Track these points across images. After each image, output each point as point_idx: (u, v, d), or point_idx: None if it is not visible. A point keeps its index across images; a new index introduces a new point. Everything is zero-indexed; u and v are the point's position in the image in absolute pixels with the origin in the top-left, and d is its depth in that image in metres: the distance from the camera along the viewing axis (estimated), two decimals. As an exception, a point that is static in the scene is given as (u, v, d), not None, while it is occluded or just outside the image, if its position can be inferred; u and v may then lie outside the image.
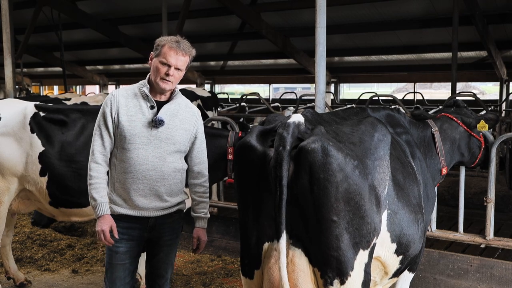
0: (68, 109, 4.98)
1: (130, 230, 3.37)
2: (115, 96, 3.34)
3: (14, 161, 4.66)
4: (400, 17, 12.16)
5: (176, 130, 3.35)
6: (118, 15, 15.01)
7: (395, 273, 3.11)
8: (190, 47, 3.33)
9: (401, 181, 3.04)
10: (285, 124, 2.63)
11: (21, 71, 14.26)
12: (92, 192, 3.29)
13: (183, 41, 3.32)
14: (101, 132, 3.34)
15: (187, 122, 3.41)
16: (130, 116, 3.30)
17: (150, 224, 3.39)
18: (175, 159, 3.37)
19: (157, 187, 3.33)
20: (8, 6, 7.42)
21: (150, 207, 3.35)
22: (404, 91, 19.54)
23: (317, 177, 2.51)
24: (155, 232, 3.43)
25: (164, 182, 3.34)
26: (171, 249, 3.54)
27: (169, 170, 3.34)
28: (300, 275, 2.61)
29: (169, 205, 3.41)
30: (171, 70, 3.25)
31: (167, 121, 3.31)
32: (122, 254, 3.38)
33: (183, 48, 3.27)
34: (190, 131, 3.42)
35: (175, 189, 3.40)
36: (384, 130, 2.84)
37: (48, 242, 6.53)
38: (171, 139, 3.33)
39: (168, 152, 3.33)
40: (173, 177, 3.37)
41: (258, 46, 15.21)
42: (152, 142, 3.30)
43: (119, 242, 3.34)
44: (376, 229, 2.69)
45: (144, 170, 3.29)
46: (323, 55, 4.88)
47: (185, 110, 3.43)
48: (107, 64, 20.08)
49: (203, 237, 3.53)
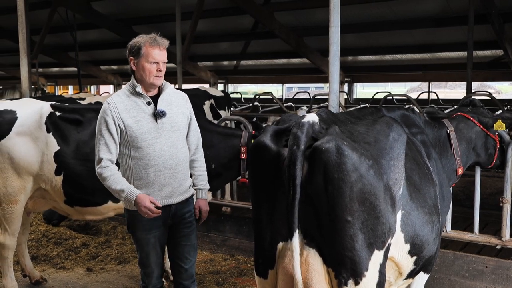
0: (83, 108, 5.02)
1: (155, 221, 3.54)
2: (112, 104, 3.50)
3: (30, 160, 4.70)
4: (414, 16, 12.06)
5: (177, 116, 3.60)
6: (132, 15, 15.08)
7: (409, 274, 3.08)
8: (165, 39, 3.56)
9: (417, 182, 3.02)
10: (300, 124, 2.62)
11: (37, 71, 14.36)
12: (114, 186, 3.43)
13: (156, 36, 3.53)
14: (105, 140, 3.48)
15: (181, 106, 3.66)
16: (134, 117, 3.48)
17: (172, 212, 3.59)
18: (183, 143, 3.63)
19: (176, 173, 3.56)
20: (24, 7, 7.49)
21: (173, 194, 3.57)
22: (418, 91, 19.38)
23: (331, 177, 2.50)
24: (176, 218, 3.63)
25: (180, 168, 3.59)
26: (191, 232, 3.71)
27: (182, 155, 3.60)
28: (314, 275, 2.60)
29: (185, 189, 3.65)
30: (160, 66, 3.48)
31: (167, 110, 3.54)
32: (153, 243, 3.61)
33: (162, 43, 3.49)
34: (186, 114, 3.68)
35: (186, 172, 3.68)
36: (400, 130, 2.82)
37: (63, 240, 6.59)
38: (176, 126, 3.57)
39: (177, 139, 3.57)
40: (185, 161, 3.64)
41: (271, 45, 15.18)
42: (162, 134, 3.50)
43: (147, 233, 3.57)
44: (391, 230, 2.67)
45: (163, 161, 3.50)
46: (337, 55, 4.86)
47: (176, 96, 3.67)
48: (121, 64, 20.15)
49: (204, 207, 3.75)
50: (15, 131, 4.70)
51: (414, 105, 8.42)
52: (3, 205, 4.78)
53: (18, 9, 7.46)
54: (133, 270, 5.85)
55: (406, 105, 9.61)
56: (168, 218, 3.61)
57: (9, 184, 4.72)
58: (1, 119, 4.74)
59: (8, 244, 4.87)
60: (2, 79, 20.10)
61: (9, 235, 4.85)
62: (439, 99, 12.82)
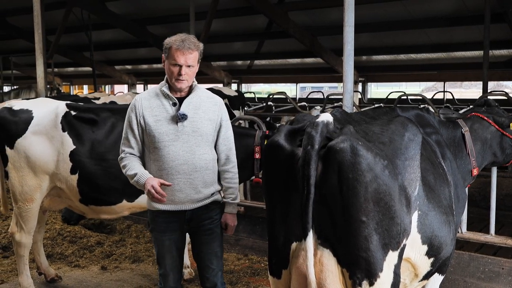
0: (98, 108, 5.06)
1: (170, 224, 3.53)
2: (139, 100, 3.51)
3: (46, 159, 4.75)
4: (429, 15, 11.97)
5: (201, 122, 3.46)
6: (146, 15, 15.15)
7: (425, 276, 3.06)
8: (196, 42, 3.43)
9: (432, 182, 2.99)
10: (314, 123, 2.62)
11: (52, 71, 14.48)
12: (129, 172, 3.45)
13: (188, 38, 3.41)
14: (127, 135, 3.52)
15: (210, 112, 3.50)
16: (155, 116, 3.45)
17: (187, 217, 3.53)
18: (205, 150, 3.48)
19: (191, 180, 3.45)
20: (40, 8, 7.56)
21: (186, 200, 3.49)
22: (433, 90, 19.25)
23: (346, 177, 2.49)
24: (193, 224, 3.56)
25: (197, 175, 3.45)
26: (212, 239, 3.58)
27: (200, 162, 3.45)
28: (328, 275, 2.59)
29: (203, 196, 3.52)
30: (182, 70, 3.38)
31: (191, 114, 3.43)
32: (167, 246, 3.56)
33: (188, 47, 3.37)
34: (214, 120, 3.51)
35: (208, 179, 3.51)
36: (415, 130, 2.80)
37: (78, 239, 6.63)
38: (198, 131, 3.45)
39: (196, 145, 3.45)
40: (205, 168, 3.48)
41: (285, 45, 15.17)
42: (180, 138, 3.42)
43: (161, 235, 3.55)
44: (406, 230, 2.65)
45: (177, 165, 3.43)
46: (351, 54, 4.84)
47: (207, 101, 3.53)
48: (135, 63, 20.29)
49: (231, 222, 3.61)
50: (31, 130, 4.75)
51: (429, 105, 8.36)
52: (19, 204, 4.83)
53: (34, 9, 7.54)
54: (147, 269, 5.88)
55: (420, 105, 9.54)
56: (183, 223, 3.54)
57: (25, 183, 4.77)
58: (18, 119, 4.79)
59: (24, 242, 4.92)
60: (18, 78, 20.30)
61: (25, 233, 4.90)
62: (454, 99, 12.71)
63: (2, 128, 4.82)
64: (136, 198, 4.87)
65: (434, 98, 13.10)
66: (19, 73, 19.87)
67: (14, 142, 4.76)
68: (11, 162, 4.79)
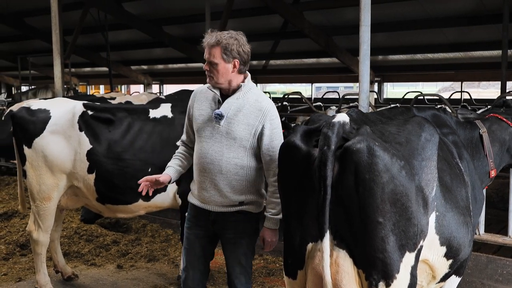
0: (115, 108, 5.10)
1: (197, 219, 3.52)
2: (196, 91, 3.55)
3: (63, 159, 4.79)
4: (447, 14, 11.87)
5: (238, 125, 3.31)
6: (162, 16, 15.23)
7: (443, 278, 3.03)
8: (217, 36, 3.27)
9: (449, 182, 2.96)
10: (330, 124, 2.60)
11: (69, 71, 14.64)
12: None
13: (212, 33, 3.32)
14: (185, 122, 3.63)
15: (251, 117, 3.31)
16: (200, 110, 3.45)
17: (211, 218, 3.46)
18: (237, 155, 3.34)
19: (216, 181, 3.37)
20: (57, 9, 7.64)
21: (210, 201, 3.42)
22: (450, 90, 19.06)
23: (362, 178, 2.47)
24: (217, 227, 3.48)
25: (222, 177, 3.35)
26: (236, 248, 3.47)
27: (228, 166, 3.34)
28: (344, 276, 2.57)
29: (229, 202, 3.40)
30: (205, 65, 3.33)
31: (230, 115, 3.32)
32: (191, 241, 3.54)
33: (208, 42, 3.28)
34: (253, 126, 3.31)
35: (236, 186, 3.37)
36: (432, 130, 2.78)
37: (94, 237, 6.68)
38: (231, 134, 3.31)
39: (227, 147, 3.33)
40: (233, 173, 3.35)
41: (301, 45, 15.15)
42: (214, 136, 3.37)
43: (188, 229, 3.56)
44: (423, 231, 2.63)
45: (204, 163, 3.39)
46: (367, 54, 4.82)
47: (252, 105, 3.33)
48: (151, 64, 20.41)
49: (268, 237, 3.41)
50: (49, 130, 4.80)
51: (446, 105, 8.28)
52: (37, 202, 4.88)
53: (52, 10, 7.62)
54: (162, 268, 5.91)
55: (437, 105, 9.45)
56: (208, 223, 3.48)
57: (43, 182, 4.82)
58: (35, 118, 4.84)
59: (42, 241, 4.97)
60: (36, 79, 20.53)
61: (42, 232, 4.95)
62: (472, 99, 12.57)
63: (20, 128, 4.88)
64: (152, 197, 4.89)
65: (451, 98, 12.96)
66: (37, 73, 20.10)
67: (32, 142, 4.81)
68: (29, 161, 4.85)
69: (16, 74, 20.07)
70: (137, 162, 4.79)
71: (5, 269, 5.77)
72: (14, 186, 8.93)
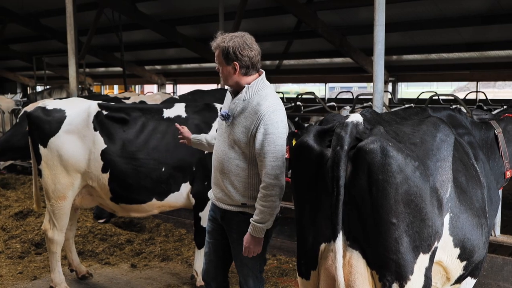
0: (129, 107, 5.12)
1: (214, 213, 3.61)
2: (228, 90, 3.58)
3: (78, 158, 4.83)
4: (462, 14, 11.77)
5: (238, 127, 3.32)
6: (176, 16, 15.29)
7: (457, 279, 3.00)
8: (218, 39, 3.34)
9: (464, 183, 2.94)
10: (343, 124, 2.59)
11: (84, 71, 14.77)
12: None
13: (218, 36, 3.38)
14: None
15: (248, 120, 3.28)
16: (222, 109, 3.49)
17: (221, 214, 3.54)
18: (237, 156, 3.35)
19: (221, 179, 3.44)
20: (72, 9, 7.71)
21: (218, 197, 3.51)
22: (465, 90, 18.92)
23: (375, 178, 2.46)
24: (225, 224, 3.55)
25: (225, 176, 3.41)
26: (241, 249, 3.39)
27: (230, 166, 3.38)
28: (357, 277, 2.56)
29: (232, 202, 3.42)
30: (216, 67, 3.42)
31: (235, 117, 3.34)
32: (209, 233, 3.66)
33: (211, 44, 3.38)
34: (249, 130, 3.27)
35: (238, 186, 3.38)
36: (447, 130, 2.75)
37: (109, 236, 6.72)
38: (232, 135, 3.36)
39: (229, 148, 3.38)
40: (235, 174, 3.37)
41: (314, 45, 15.11)
42: (222, 136, 3.45)
43: (208, 221, 3.68)
44: (437, 233, 2.61)
45: (214, 161, 3.50)
46: (382, 54, 4.80)
47: (253, 108, 3.28)
48: (165, 64, 20.50)
49: (246, 243, 3.32)
50: (64, 130, 4.84)
51: (461, 105, 8.21)
52: (52, 201, 4.92)
53: (67, 10, 7.69)
54: (175, 267, 5.93)
55: (452, 106, 9.38)
56: (219, 218, 3.56)
57: (58, 181, 4.86)
58: (51, 118, 4.88)
59: (57, 239, 5.01)
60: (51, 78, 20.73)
61: (57, 231, 4.99)
62: (487, 99, 12.46)
63: (36, 127, 4.93)
64: (166, 196, 4.92)
65: (467, 98, 12.87)
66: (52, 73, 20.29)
67: (47, 141, 4.86)
68: (44, 161, 4.89)
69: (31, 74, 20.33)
70: (151, 162, 4.82)
71: (21, 268, 5.83)
72: (30, 185, 9.02)
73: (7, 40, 20.37)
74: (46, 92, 17.35)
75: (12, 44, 21.32)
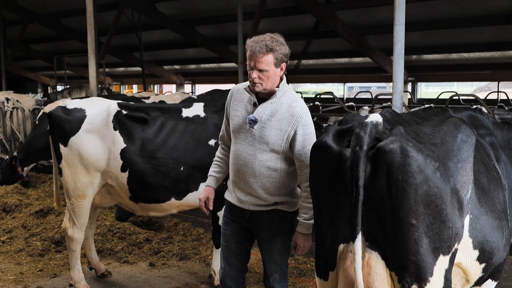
0: (148, 107, 5.15)
1: (233, 216, 3.57)
2: (233, 90, 3.57)
3: (98, 157, 4.87)
4: (483, 13, 11.61)
5: (271, 130, 3.32)
6: (195, 16, 15.36)
7: (477, 282, 2.96)
8: (269, 44, 3.24)
9: (485, 185, 2.90)
10: (363, 124, 2.58)
11: (104, 71, 14.91)
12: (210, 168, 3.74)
13: (263, 40, 3.26)
14: (223, 121, 3.65)
15: (284, 122, 3.31)
16: (236, 111, 3.46)
17: (246, 216, 3.51)
18: (269, 158, 3.36)
19: (249, 182, 3.41)
20: (92, 9, 7.78)
21: (245, 200, 3.47)
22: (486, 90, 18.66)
23: (395, 179, 2.44)
24: (252, 225, 3.52)
25: (256, 179, 3.39)
26: (271, 246, 3.49)
27: (260, 168, 3.36)
28: (376, 278, 2.54)
29: (263, 202, 3.43)
30: (253, 73, 3.29)
31: (264, 120, 3.33)
32: (228, 237, 3.60)
33: (259, 50, 3.23)
34: (286, 132, 3.31)
35: (270, 187, 3.39)
36: (468, 131, 2.72)
37: (127, 235, 6.77)
38: (264, 138, 3.33)
39: (260, 151, 3.35)
40: (266, 175, 3.37)
41: (333, 44, 15.06)
42: (247, 139, 3.39)
43: (225, 225, 3.62)
44: (457, 234, 2.58)
45: (238, 165, 3.44)
46: (402, 53, 4.76)
47: (286, 110, 3.33)
48: (183, 63, 20.60)
49: (300, 242, 3.41)
50: (84, 129, 4.88)
51: (482, 105, 8.11)
52: (72, 200, 4.97)
53: (87, 11, 7.76)
54: (194, 266, 5.95)
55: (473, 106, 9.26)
56: (243, 220, 3.52)
57: (78, 180, 4.91)
58: (71, 117, 4.93)
59: (76, 238, 5.06)
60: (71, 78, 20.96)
61: (77, 229, 5.04)
62: (509, 99, 12.28)
63: (56, 126, 4.98)
64: (184, 196, 4.94)
65: (488, 98, 12.70)
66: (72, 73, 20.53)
67: (67, 140, 4.91)
68: (65, 160, 4.94)
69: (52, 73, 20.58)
70: (170, 161, 4.84)
71: (41, 265, 5.91)
72: (50, 183, 9.13)
73: (29, 40, 20.67)
74: (66, 91, 17.56)
75: (33, 44, 21.63)
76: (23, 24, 18.53)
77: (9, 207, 7.65)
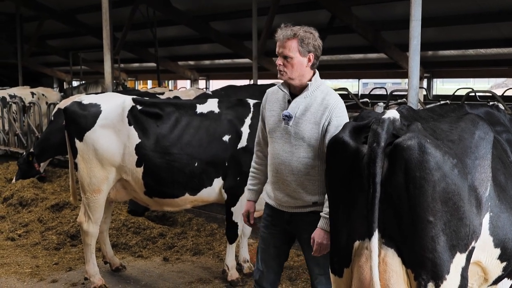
0: (163, 103, 5.16)
1: (273, 219, 3.50)
2: (267, 92, 3.50)
3: (113, 152, 4.89)
4: (501, 8, 11.45)
5: (305, 124, 3.25)
6: (209, 12, 15.36)
7: (495, 281, 2.93)
8: (297, 31, 3.20)
9: (503, 182, 2.86)
10: (380, 120, 2.56)
11: (119, 66, 15.02)
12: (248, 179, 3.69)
13: (286, 27, 3.25)
14: (259, 126, 3.58)
15: (318, 115, 3.23)
16: (272, 111, 3.41)
17: (286, 218, 3.43)
18: (307, 154, 3.27)
19: (287, 182, 3.32)
20: (108, 5, 7.81)
21: (284, 201, 3.38)
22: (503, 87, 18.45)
23: (413, 176, 2.42)
24: (292, 227, 3.44)
25: (294, 178, 3.30)
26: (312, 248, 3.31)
27: (299, 166, 3.28)
28: (392, 275, 2.53)
29: (302, 203, 3.34)
30: (279, 60, 3.25)
31: (298, 115, 3.26)
32: (266, 240, 3.53)
33: (283, 35, 3.20)
34: (320, 124, 3.23)
35: (308, 186, 3.30)
36: (486, 128, 2.68)
37: (142, 230, 6.80)
38: (299, 133, 3.26)
39: (296, 147, 3.28)
40: (304, 173, 3.28)
41: (348, 40, 14.96)
42: (283, 136, 3.32)
43: (264, 228, 3.55)
44: (475, 232, 2.55)
45: (276, 164, 3.36)
46: (417, 49, 4.72)
47: (320, 104, 3.26)
48: (198, 59, 20.63)
49: (318, 238, 3.19)
50: (99, 124, 4.91)
51: (499, 102, 8.01)
52: (87, 194, 5.00)
53: (103, 7, 7.80)
54: (207, 261, 5.97)
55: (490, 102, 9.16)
56: (283, 223, 3.44)
57: (93, 175, 4.94)
58: (87, 112, 4.96)
59: (91, 232, 5.09)
60: (87, 74, 21.11)
61: (92, 223, 5.07)
62: (526, 96, 12.12)
63: (72, 122, 5.01)
64: (198, 191, 4.95)
65: (505, 95, 12.54)
66: (88, 69, 20.67)
67: (83, 135, 4.94)
68: (80, 154, 4.97)
69: (67, 69, 20.76)
70: (184, 157, 4.85)
71: (56, 259, 5.97)
72: (66, 178, 9.20)
73: (45, 36, 20.82)
74: (82, 87, 17.70)
75: (49, 40, 21.80)
76: (39, 20, 18.67)
77: (25, 201, 7.72)
